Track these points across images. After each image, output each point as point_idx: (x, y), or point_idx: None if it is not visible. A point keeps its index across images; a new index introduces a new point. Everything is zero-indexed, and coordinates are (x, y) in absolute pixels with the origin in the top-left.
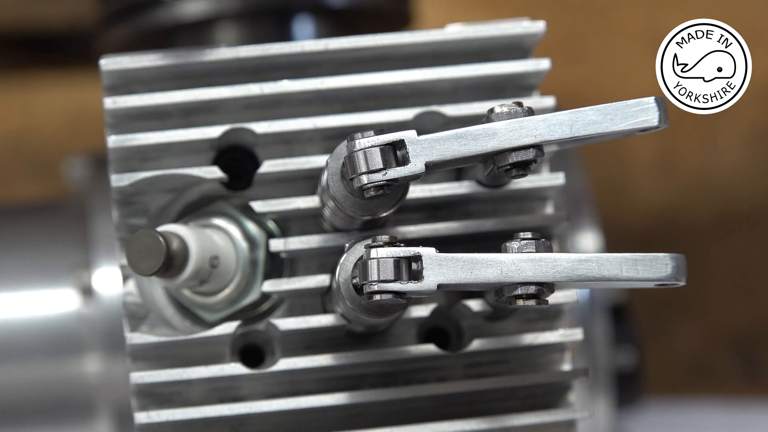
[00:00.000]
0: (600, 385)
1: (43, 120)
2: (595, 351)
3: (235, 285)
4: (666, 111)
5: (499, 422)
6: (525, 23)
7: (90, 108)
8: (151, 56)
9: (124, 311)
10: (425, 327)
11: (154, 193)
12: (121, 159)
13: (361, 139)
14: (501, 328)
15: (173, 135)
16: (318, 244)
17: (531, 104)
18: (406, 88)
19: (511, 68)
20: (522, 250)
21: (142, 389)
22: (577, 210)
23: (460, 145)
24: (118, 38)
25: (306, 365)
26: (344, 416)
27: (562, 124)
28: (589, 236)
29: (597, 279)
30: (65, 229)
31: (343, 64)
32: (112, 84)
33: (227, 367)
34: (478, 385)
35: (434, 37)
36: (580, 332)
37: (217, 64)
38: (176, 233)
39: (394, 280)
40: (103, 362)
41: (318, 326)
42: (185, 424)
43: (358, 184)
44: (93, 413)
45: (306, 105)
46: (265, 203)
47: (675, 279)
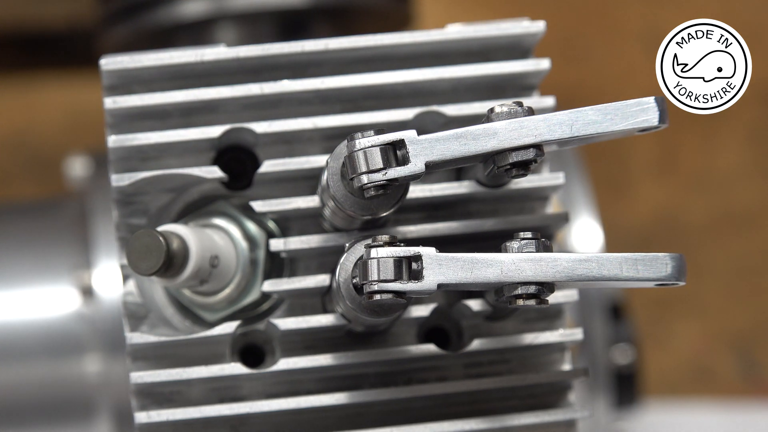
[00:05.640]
0: (599, 385)
1: (43, 120)
2: (595, 351)
3: (235, 285)
4: (666, 111)
5: (499, 422)
6: (525, 23)
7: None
8: (151, 56)
9: (124, 311)
10: (425, 327)
11: (154, 193)
12: (121, 159)
13: (361, 139)
14: (501, 328)
15: (173, 135)
16: (318, 244)
17: (531, 104)
18: (406, 88)
19: (511, 68)
20: (522, 250)
21: (142, 389)
22: (577, 210)
23: (460, 145)
24: (118, 38)
25: (306, 365)
26: (344, 416)
27: (562, 124)
28: (589, 236)
29: (597, 279)
30: (65, 229)
31: (343, 64)
32: (112, 84)
33: (227, 366)
34: (478, 384)
35: (434, 37)
36: (580, 332)
37: (217, 64)
38: (176, 233)
39: (394, 279)
40: (103, 362)
41: (318, 326)
42: (185, 424)
43: (358, 183)
44: (93, 413)
45: (306, 105)
46: (265, 203)
47: (675, 279)
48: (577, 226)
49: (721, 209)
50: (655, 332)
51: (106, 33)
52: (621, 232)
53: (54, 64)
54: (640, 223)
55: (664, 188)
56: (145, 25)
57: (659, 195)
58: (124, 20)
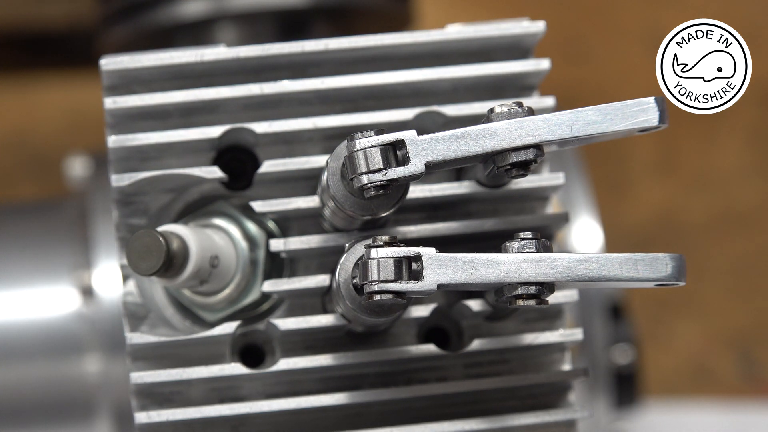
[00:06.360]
0: (599, 385)
1: (43, 120)
2: (595, 351)
3: (235, 285)
4: (666, 111)
5: (499, 422)
6: (525, 23)
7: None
8: (151, 56)
9: (124, 311)
10: (425, 327)
11: (154, 193)
12: (121, 159)
13: (361, 139)
14: (501, 328)
15: (173, 135)
16: (318, 244)
17: (531, 104)
18: (406, 88)
19: (511, 68)
20: (522, 250)
21: (142, 389)
22: (577, 210)
23: (460, 145)
24: (118, 38)
25: (306, 365)
26: (344, 416)
27: (562, 124)
28: (589, 236)
29: (597, 279)
30: (65, 229)
31: (343, 64)
32: (112, 84)
33: (227, 367)
34: (478, 385)
35: (434, 37)
36: (580, 332)
37: (217, 64)
38: (176, 233)
39: (394, 280)
40: (103, 362)
41: (318, 326)
42: (185, 424)
43: (358, 184)
44: (93, 413)
45: (306, 105)
46: (265, 203)
47: (675, 279)
48: (577, 226)
49: (721, 209)
50: (655, 332)
51: (106, 33)
52: (621, 232)
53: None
54: (640, 223)
55: (664, 188)
56: (145, 25)
57: (659, 195)
58: (124, 20)
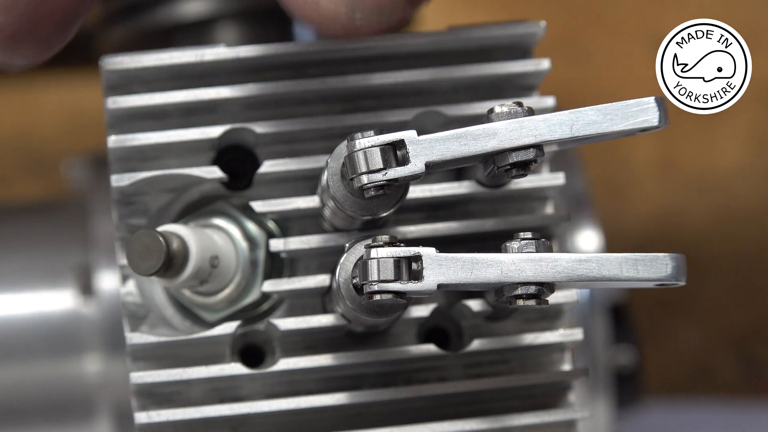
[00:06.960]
0: (600, 385)
1: (43, 120)
2: (595, 351)
3: (235, 285)
4: (666, 111)
5: (499, 422)
6: (525, 23)
7: (90, 108)
8: (151, 56)
9: (124, 311)
10: (425, 327)
11: (154, 193)
12: (121, 159)
13: (361, 139)
14: (501, 328)
15: (173, 135)
16: (318, 244)
17: (531, 104)
18: (406, 88)
19: (511, 68)
20: (522, 250)
21: (142, 389)
22: (578, 210)
23: (460, 145)
24: (118, 38)
25: (306, 365)
26: (344, 416)
27: (562, 124)
28: (589, 236)
29: (597, 279)
30: (65, 229)
31: (343, 64)
32: (112, 84)
33: (227, 367)
34: (478, 385)
35: (434, 37)
36: (580, 332)
37: (217, 64)
38: (176, 233)
39: (394, 280)
40: (103, 362)
41: (318, 326)
42: (185, 424)
43: (358, 184)
44: (93, 413)
45: (306, 105)
46: (265, 203)
47: (675, 279)
48: (577, 226)
49: (721, 209)
50: (655, 332)
51: (106, 33)
52: (621, 232)
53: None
54: (640, 223)
55: (664, 188)
56: (145, 25)
57: (659, 195)
58: (124, 20)
